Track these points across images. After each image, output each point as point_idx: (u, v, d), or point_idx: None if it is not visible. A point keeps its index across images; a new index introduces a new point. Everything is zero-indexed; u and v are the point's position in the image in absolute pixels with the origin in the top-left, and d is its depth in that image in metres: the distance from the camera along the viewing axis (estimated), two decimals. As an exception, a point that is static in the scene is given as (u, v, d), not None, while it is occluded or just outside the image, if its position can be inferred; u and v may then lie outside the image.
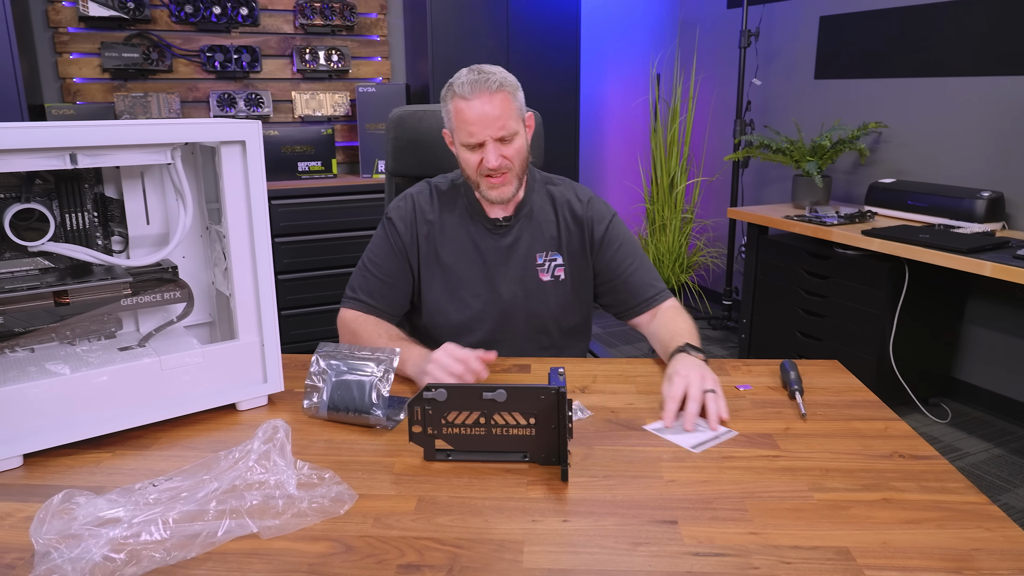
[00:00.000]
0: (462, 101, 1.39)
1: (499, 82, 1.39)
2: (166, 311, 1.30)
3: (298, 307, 3.36)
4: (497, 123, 1.38)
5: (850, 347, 2.91)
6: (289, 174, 3.49)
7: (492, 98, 1.38)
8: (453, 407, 1.04)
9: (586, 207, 1.55)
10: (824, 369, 1.43)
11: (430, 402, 1.03)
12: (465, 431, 1.05)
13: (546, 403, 1.01)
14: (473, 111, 1.38)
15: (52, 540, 0.81)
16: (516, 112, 1.42)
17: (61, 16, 3.18)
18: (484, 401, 1.02)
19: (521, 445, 1.05)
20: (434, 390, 1.03)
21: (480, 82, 1.38)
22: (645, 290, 1.53)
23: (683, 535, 0.89)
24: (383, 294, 1.52)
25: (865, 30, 3.31)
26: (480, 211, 1.52)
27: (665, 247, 4.22)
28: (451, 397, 1.03)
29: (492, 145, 1.40)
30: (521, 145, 1.43)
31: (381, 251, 1.54)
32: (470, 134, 1.40)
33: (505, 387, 1.01)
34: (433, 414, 1.04)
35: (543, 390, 1.01)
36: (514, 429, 1.04)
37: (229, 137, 1.15)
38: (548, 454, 1.04)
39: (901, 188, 3.00)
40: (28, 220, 1.11)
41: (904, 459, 1.08)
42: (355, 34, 3.71)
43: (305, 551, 0.86)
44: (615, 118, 4.51)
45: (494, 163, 1.40)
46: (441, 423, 1.05)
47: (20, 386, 1.06)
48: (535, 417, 1.03)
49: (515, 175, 1.44)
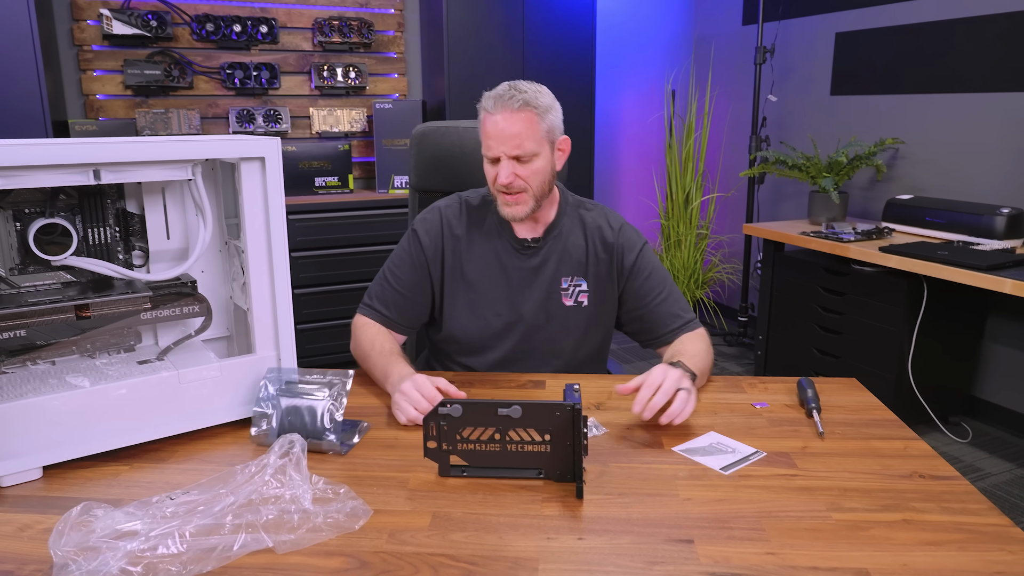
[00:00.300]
0: (486, 113, 1.40)
1: (524, 101, 1.37)
2: (184, 325, 1.31)
3: (314, 321, 3.38)
4: (512, 141, 1.38)
5: (868, 365, 2.88)
6: (306, 189, 3.52)
7: (513, 115, 1.37)
8: (468, 423, 1.04)
9: (617, 234, 1.53)
10: (842, 387, 1.42)
11: (445, 418, 1.03)
12: (480, 447, 1.05)
13: (561, 420, 1.01)
14: (494, 125, 1.39)
15: (70, 552, 0.82)
16: (539, 133, 1.40)
17: (86, 34, 3.24)
18: (499, 417, 1.02)
19: (536, 462, 1.05)
20: (449, 406, 1.03)
21: (505, 98, 1.38)
22: (671, 320, 1.51)
23: (699, 554, 0.88)
24: (397, 305, 1.52)
25: (882, 46, 3.30)
26: (508, 229, 1.51)
27: (680, 263, 4.20)
28: (466, 413, 1.03)
29: (506, 162, 1.39)
30: (540, 167, 1.42)
31: (402, 263, 1.54)
32: (488, 147, 1.41)
33: (520, 403, 1.01)
34: (448, 430, 1.04)
35: (558, 407, 1.01)
36: (529, 446, 1.04)
37: (249, 153, 1.17)
38: (563, 471, 1.04)
39: (919, 204, 2.98)
40: (52, 234, 1.13)
41: (924, 479, 1.06)
42: (372, 51, 3.75)
43: (320, 566, 0.86)
44: (630, 134, 4.52)
45: (504, 180, 1.39)
46: (456, 439, 1.05)
47: (41, 398, 1.07)
48: (550, 434, 1.02)
49: (531, 196, 1.43)
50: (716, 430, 1.22)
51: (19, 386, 1.12)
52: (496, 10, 3.51)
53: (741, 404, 1.34)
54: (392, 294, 1.52)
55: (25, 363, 1.18)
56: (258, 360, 1.25)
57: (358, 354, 1.49)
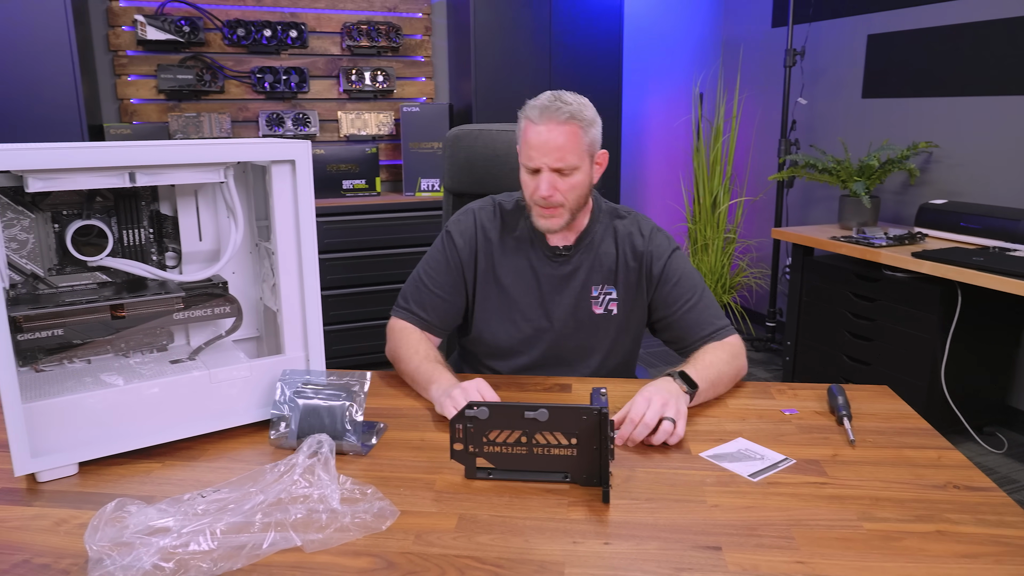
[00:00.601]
0: (530, 123, 1.38)
1: (571, 113, 1.36)
2: (216, 325, 1.33)
3: (341, 323, 3.40)
4: (556, 153, 1.36)
5: (899, 372, 2.83)
6: (334, 192, 3.55)
7: (558, 128, 1.36)
8: (495, 426, 1.04)
9: (647, 242, 1.51)
10: (873, 395, 1.39)
11: (472, 420, 1.04)
12: (506, 450, 1.05)
13: (588, 424, 1.01)
14: (538, 136, 1.37)
15: (105, 547, 0.84)
16: (582, 147, 1.39)
17: (121, 40, 3.30)
18: (526, 420, 1.02)
19: (562, 465, 1.04)
20: (476, 408, 1.03)
21: (551, 109, 1.36)
22: (703, 327, 1.47)
23: (727, 562, 0.87)
24: (434, 307, 1.51)
25: (915, 48, 3.25)
26: (541, 237, 1.50)
27: (707, 267, 4.17)
28: (493, 415, 1.03)
29: (547, 174, 1.38)
30: (579, 181, 1.40)
31: (437, 264, 1.53)
32: (529, 158, 1.39)
33: (547, 407, 1.01)
34: (474, 432, 1.04)
35: (585, 410, 1.01)
36: (555, 449, 1.04)
37: (280, 156, 1.18)
38: (589, 475, 1.04)
39: (953, 209, 2.92)
40: (88, 236, 1.16)
41: (959, 490, 1.04)
42: (400, 55, 3.78)
43: (347, 566, 0.87)
44: (657, 137, 4.50)
45: (544, 192, 1.38)
46: (482, 441, 1.05)
47: (77, 396, 1.10)
48: (576, 437, 1.02)
49: (568, 210, 1.42)
50: (744, 436, 1.21)
51: (56, 384, 1.14)
52: (523, 13, 3.51)
53: (770, 410, 1.32)
54: (428, 296, 1.51)
55: (62, 361, 1.20)
56: (287, 360, 1.26)
57: (396, 356, 1.47)
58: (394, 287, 3.45)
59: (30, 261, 1.16)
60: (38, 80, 2.84)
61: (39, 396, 1.09)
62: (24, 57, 2.81)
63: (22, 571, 0.86)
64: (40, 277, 1.17)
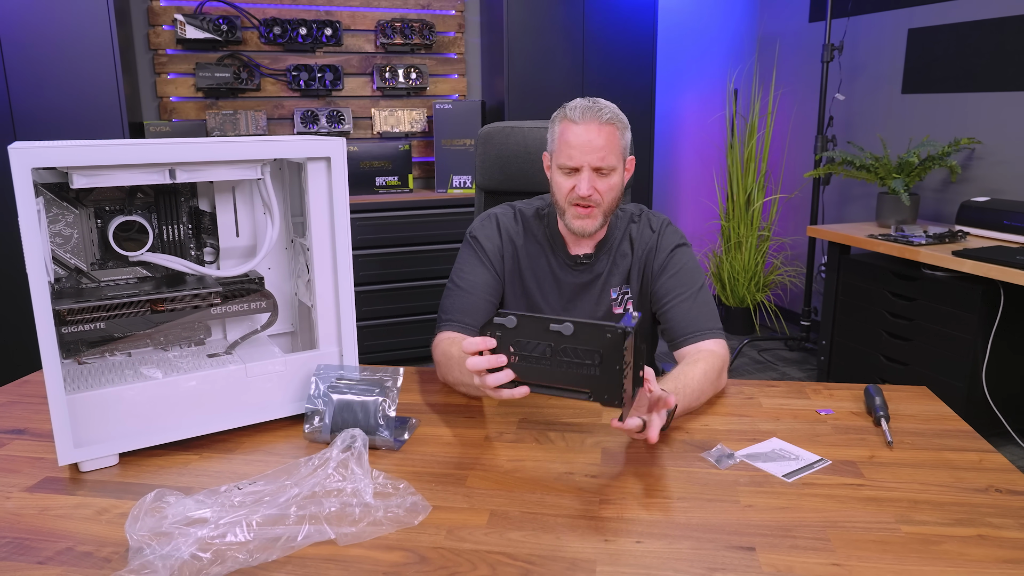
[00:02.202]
0: (570, 124, 1.39)
1: (611, 115, 1.39)
2: (252, 320, 1.35)
3: (374, 318, 3.44)
4: (598, 152, 1.37)
5: (938, 373, 2.77)
6: (367, 188, 3.58)
7: (600, 128, 1.37)
8: (521, 335, 1.01)
9: (657, 237, 1.52)
10: (912, 395, 1.37)
11: (500, 328, 1.01)
12: (531, 362, 1.02)
13: (611, 341, 0.98)
14: (578, 136, 1.38)
15: (145, 537, 0.85)
16: (619, 149, 1.41)
17: (161, 39, 3.37)
18: (551, 333, 1.00)
19: (585, 383, 1.01)
20: (504, 317, 1.01)
21: (593, 110, 1.38)
22: (687, 325, 1.43)
23: (761, 563, 0.87)
24: (477, 308, 1.48)
25: (957, 42, 3.17)
26: (561, 245, 1.51)
27: (740, 265, 4.12)
28: (520, 325, 1.00)
29: (588, 173, 1.38)
30: (616, 183, 1.41)
31: (470, 267, 1.51)
32: (569, 157, 1.39)
33: (573, 321, 0.99)
34: (501, 341, 1.02)
35: (609, 328, 0.98)
36: (579, 365, 1.01)
37: (316, 153, 1.20)
38: (611, 395, 1.00)
39: (996, 207, 2.85)
40: (129, 231, 1.18)
41: (1001, 494, 1.02)
42: (433, 52, 3.79)
43: (380, 559, 0.87)
44: (690, 134, 4.46)
45: (585, 191, 1.38)
46: (509, 351, 1.02)
47: (117, 388, 1.12)
48: (599, 355, 0.99)
49: (603, 211, 1.42)
50: (779, 436, 1.20)
51: (97, 376, 1.17)
52: (556, 10, 3.50)
53: (805, 410, 1.30)
54: (467, 299, 1.49)
55: (103, 354, 1.23)
56: (321, 355, 1.27)
57: (442, 372, 1.42)
58: (426, 283, 3.48)
59: (74, 256, 1.19)
60: (82, 79, 2.91)
61: (82, 388, 1.12)
62: (68, 57, 2.88)
63: (65, 558, 0.88)
64: (83, 272, 1.20)
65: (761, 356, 3.87)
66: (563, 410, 1.30)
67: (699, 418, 1.27)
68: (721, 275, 4.22)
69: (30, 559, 0.88)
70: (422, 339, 3.54)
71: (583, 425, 1.24)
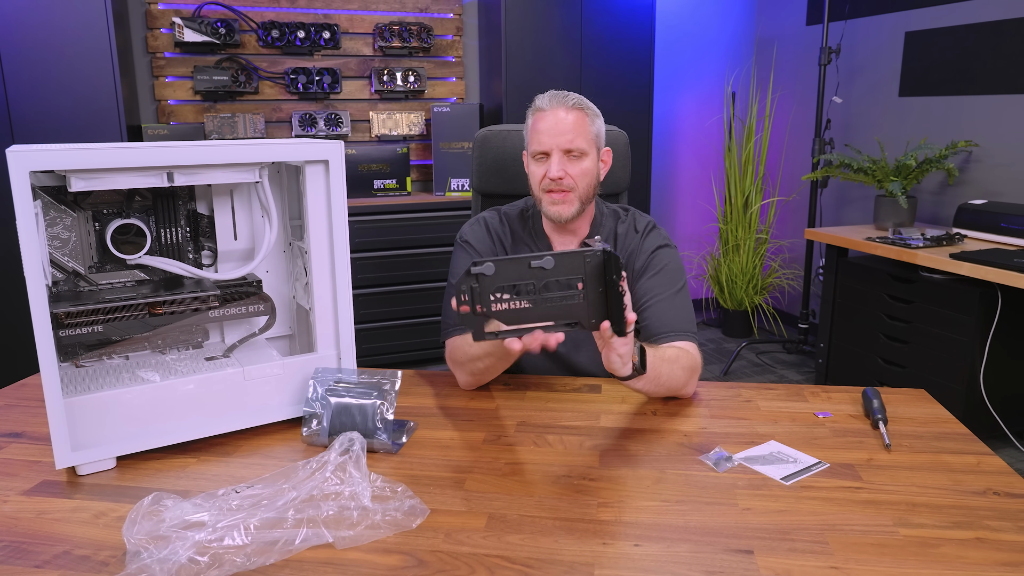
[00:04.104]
0: (538, 112, 1.44)
1: (577, 101, 1.43)
2: (250, 323, 1.35)
3: (372, 321, 3.43)
4: (566, 136, 1.40)
5: (936, 376, 2.77)
6: (365, 191, 3.58)
7: (567, 112, 1.41)
8: (501, 280, 0.99)
9: (641, 238, 1.52)
10: (910, 398, 1.37)
11: (477, 277, 0.98)
12: (514, 305, 1.00)
13: (593, 265, 0.98)
14: (546, 120, 1.41)
15: (142, 540, 0.85)
16: (589, 135, 1.42)
17: (159, 42, 3.37)
18: (532, 270, 0.99)
19: (571, 313, 1.00)
20: (481, 265, 0.98)
21: (559, 97, 1.43)
22: (661, 325, 1.42)
23: (759, 566, 0.87)
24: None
25: (954, 45, 3.18)
26: (546, 243, 1.53)
27: (738, 268, 4.13)
28: (499, 270, 0.98)
29: (558, 155, 1.41)
30: (588, 168, 1.43)
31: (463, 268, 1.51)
32: (539, 143, 1.42)
33: (552, 254, 0.98)
34: (481, 290, 0.99)
35: (590, 253, 0.98)
36: (564, 297, 1.00)
37: (314, 157, 1.20)
38: (599, 318, 1.00)
39: (993, 210, 2.85)
40: (127, 234, 1.18)
41: (999, 497, 1.02)
42: (431, 55, 3.80)
43: (378, 563, 0.87)
44: (688, 137, 4.46)
45: (555, 172, 1.39)
46: (490, 299, 0.99)
47: (115, 392, 1.12)
48: (583, 282, 0.99)
49: (578, 196, 1.43)
50: (777, 439, 1.20)
51: (95, 379, 1.17)
52: (554, 13, 3.51)
53: (802, 413, 1.30)
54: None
55: (101, 357, 1.23)
56: (319, 359, 1.27)
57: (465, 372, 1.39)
58: (424, 286, 3.48)
59: (71, 259, 1.19)
60: (79, 82, 2.91)
61: (79, 391, 1.11)
62: (66, 60, 2.88)
63: (63, 562, 0.88)
64: (81, 275, 1.20)
65: (759, 359, 3.87)
66: (561, 413, 1.30)
67: (697, 421, 1.27)
68: (719, 278, 4.22)
69: (27, 563, 0.88)
70: (420, 342, 3.54)
71: (581, 428, 1.24)
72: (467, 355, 1.37)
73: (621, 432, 1.23)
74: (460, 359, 1.39)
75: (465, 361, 1.38)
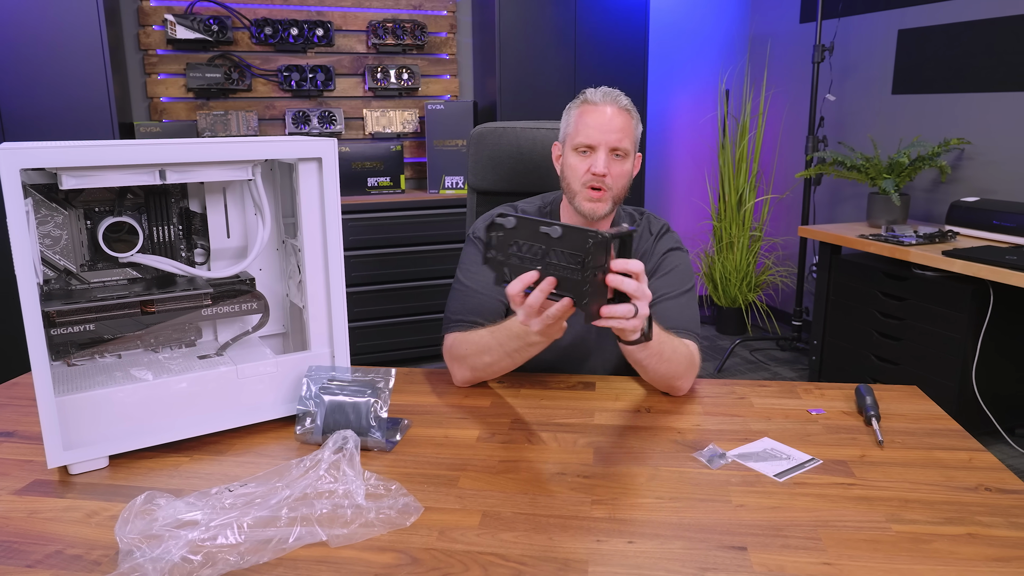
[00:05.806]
0: (590, 105, 1.43)
1: (628, 103, 1.44)
2: (243, 321, 1.34)
3: (366, 319, 3.43)
4: (616, 134, 1.40)
5: (928, 373, 2.79)
6: (359, 189, 3.57)
7: (619, 112, 1.42)
8: (518, 236, 1.03)
9: (655, 241, 1.53)
10: (902, 395, 1.37)
11: (500, 228, 1.04)
12: (524, 262, 1.03)
13: (592, 248, 0.98)
14: (596, 116, 1.41)
15: (135, 540, 0.85)
16: (633, 138, 1.44)
17: (151, 39, 3.35)
18: (540, 234, 1.01)
19: (568, 287, 1.01)
20: (504, 217, 1.03)
21: (612, 94, 1.44)
22: (665, 323, 1.39)
23: (753, 562, 0.87)
24: (483, 306, 1.46)
25: (947, 43, 3.19)
26: None
27: (732, 265, 4.14)
28: (517, 226, 1.03)
29: (605, 152, 1.40)
30: (627, 170, 1.43)
31: (478, 265, 1.48)
32: (588, 136, 1.41)
33: (562, 225, 0.99)
34: (500, 241, 1.04)
35: (592, 234, 0.98)
36: (564, 269, 1.01)
37: (307, 154, 1.19)
38: (590, 299, 1.01)
39: (986, 207, 2.87)
40: (119, 232, 1.18)
41: (991, 492, 1.02)
42: (425, 53, 3.79)
43: (372, 561, 0.87)
44: (682, 134, 4.47)
45: (601, 168, 1.39)
46: (508, 250, 1.04)
47: (107, 390, 1.12)
48: (582, 262, 0.99)
49: (612, 197, 1.43)
50: (770, 436, 1.20)
51: (87, 378, 1.16)
52: (548, 11, 3.51)
53: (796, 410, 1.31)
54: (474, 299, 1.47)
55: (93, 356, 1.23)
56: (313, 357, 1.27)
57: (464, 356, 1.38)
58: (418, 284, 3.47)
59: (63, 257, 1.18)
60: (71, 79, 2.89)
61: (71, 390, 1.11)
62: (58, 57, 2.86)
63: (55, 561, 0.87)
64: (72, 273, 1.19)
65: (753, 356, 3.88)
66: (555, 411, 1.30)
67: (691, 418, 1.27)
68: (713, 275, 4.23)
69: (19, 562, 0.87)
70: (414, 340, 3.54)
71: (575, 426, 1.24)
72: (477, 346, 1.35)
73: (615, 429, 1.23)
74: (462, 353, 1.39)
75: (471, 353, 1.37)
